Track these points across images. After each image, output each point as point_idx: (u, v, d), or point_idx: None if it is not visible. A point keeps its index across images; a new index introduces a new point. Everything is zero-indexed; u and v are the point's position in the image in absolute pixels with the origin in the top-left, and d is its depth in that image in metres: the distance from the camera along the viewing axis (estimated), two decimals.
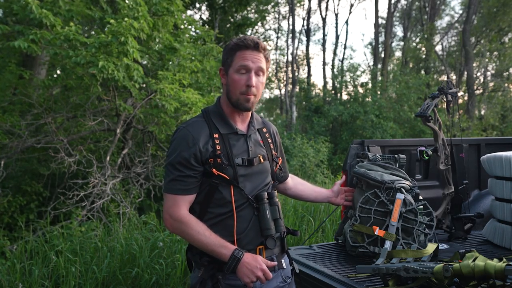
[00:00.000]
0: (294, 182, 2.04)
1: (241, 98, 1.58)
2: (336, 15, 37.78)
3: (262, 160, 1.66)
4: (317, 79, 57.30)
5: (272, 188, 1.71)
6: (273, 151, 1.75)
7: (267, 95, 23.58)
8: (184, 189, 1.55)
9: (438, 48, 24.45)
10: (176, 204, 1.56)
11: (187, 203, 1.57)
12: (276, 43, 25.82)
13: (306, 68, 25.51)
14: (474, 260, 1.56)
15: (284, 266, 1.70)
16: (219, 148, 1.57)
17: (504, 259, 1.56)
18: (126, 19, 5.07)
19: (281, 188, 1.99)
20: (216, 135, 1.59)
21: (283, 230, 1.67)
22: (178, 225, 1.55)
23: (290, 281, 1.73)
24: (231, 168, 1.57)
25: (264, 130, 1.76)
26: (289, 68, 22.50)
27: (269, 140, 1.75)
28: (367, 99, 15.41)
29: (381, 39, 23.34)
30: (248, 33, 16.97)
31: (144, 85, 6.19)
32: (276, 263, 1.61)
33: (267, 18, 20.82)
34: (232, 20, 15.24)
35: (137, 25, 5.14)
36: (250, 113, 1.70)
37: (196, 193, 1.59)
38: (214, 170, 1.55)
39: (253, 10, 17.83)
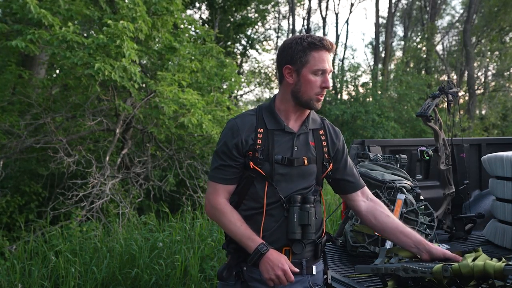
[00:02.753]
0: (374, 206, 1.73)
1: (314, 99, 1.58)
2: (337, 14, 37.77)
3: (306, 162, 1.60)
4: None
5: (313, 193, 1.63)
6: (325, 155, 1.67)
7: (267, 94, 23.59)
8: (224, 178, 1.60)
9: (439, 47, 24.44)
10: (215, 192, 1.62)
11: (226, 192, 1.62)
12: (276, 43, 25.77)
13: None
14: (473, 260, 1.54)
15: (314, 272, 1.64)
16: (259, 142, 1.57)
17: (504, 259, 1.55)
18: (121, 21, 5.06)
19: (351, 203, 1.77)
20: (260, 130, 1.59)
21: (312, 238, 1.58)
22: (214, 212, 1.61)
23: None
24: (268, 164, 1.56)
25: (321, 132, 1.69)
26: None
27: (324, 143, 1.68)
28: (368, 99, 15.39)
29: (382, 38, 23.33)
30: (248, 33, 16.96)
31: (143, 85, 6.18)
32: (298, 270, 1.54)
33: (267, 17, 20.78)
34: (232, 19, 15.23)
35: (132, 27, 5.13)
36: (306, 112, 1.66)
37: (236, 184, 1.62)
38: (251, 163, 1.56)
39: (253, 10, 17.82)
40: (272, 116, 1.62)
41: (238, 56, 16.41)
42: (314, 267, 1.64)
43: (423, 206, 2.21)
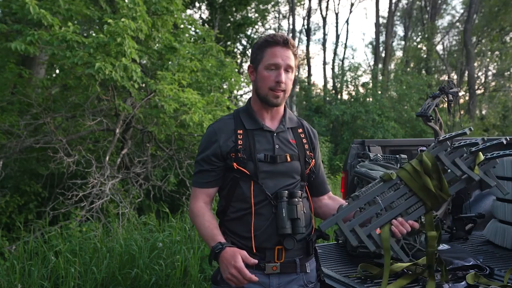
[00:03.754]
0: (330, 201, 1.80)
1: (270, 94, 1.60)
2: (337, 14, 37.79)
3: (289, 159, 1.63)
4: (317, 79, 57.27)
5: (300, 188, 1.65)
6: (307, 151, 1.70)
7: None
8: (203, 182, 1.64)
9: (439, 47, 24.45)
10: (195, 196, 1.66)
11: (205, 196, 1.65)
12: None
13: (306, 67, 25.50)
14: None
15: (308, 270, 1.65)
16: (241, 143, 1.60)
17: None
18: (123, 19, 5.05)
19: (315, 204, 1.79)
20: (240, 131, 1.62)
21: (302, 232, 1.57)
22: (191, 216, 1.66)
23: (313, 287, 1.68)
24: (251, 163, 1.57)
25: (300, 130, 1.73)
26: None
27: (304, 141, 1.71)
28: (368, 99, 15.38)
29: (382, 38, 23.32)
30: (248, 33, 16.95)
31: (143, 85, 6.18)
32: (255, 261, 1.48)
33: (267, 17, 20.79)
34: (232, 19, 15.22)
35: (134, 26, 5.12)
36: (281, 111, 1.70)
37: (215, 187, 1.66)
38: (234, 164, 1.58)
39: (253, 10, 17.81)
40: (250, 116, 1.66)
41: (238, 56, 16.41)
42: (307, 265, 1.65)
43: None
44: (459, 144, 1.61)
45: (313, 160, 1.72)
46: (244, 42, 16.82)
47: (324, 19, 30.70)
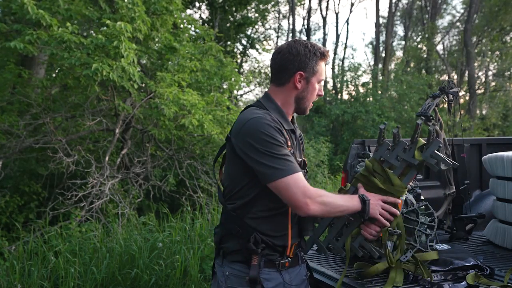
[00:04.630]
0: None
1: (310, 105, 1.69)
2: (337, 14, 37.78)
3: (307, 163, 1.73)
4: None
5: None
6: (303, 156, 1.75)
7: None
8: (296, 166, 1.51)
9: (439, 47, 24.42)
10: (304, 181, 1.50)
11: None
12: (276, 42, 25.76)
13: None
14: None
15: (304, 261, 1.76)
16: (289, 144, 1.59)
17: None
18: (119, 22, 5.05)
19: None
20: (284, 131, 1.58)
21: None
22: (319, 200, 1.49)
23: (308, 276, 1.76)
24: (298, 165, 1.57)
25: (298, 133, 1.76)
26: None
27: (302, 146, 1.78)
28: (368, 99, 15.37)
29: (382, 38, 23.30)
30: (248, 33, 16.94)
31: (143, 85, 6.17)
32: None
33: (267, 17, 20.78)
34: (232, 19, 15.21)
35: (130, 28, 5.12)
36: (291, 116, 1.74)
37: None
38: None
39: (253, 10, 17.80)
40: (283, 118, 1.63)
41: (238, 56, 16.40)
42: (303, 256, 1.75)
43: (423, 206, 2.20)
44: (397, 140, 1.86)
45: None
46: (244, 42, 16.81)
47: (324, 19, 30.71)
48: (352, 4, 39.41)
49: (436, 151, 1.77)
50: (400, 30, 27.18)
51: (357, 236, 1.76)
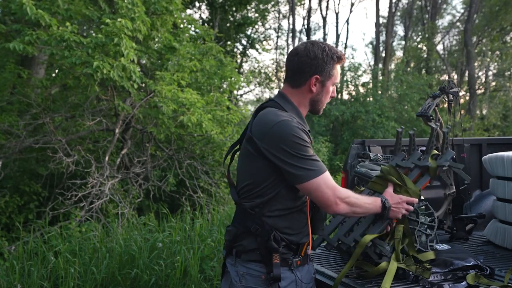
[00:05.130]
0: None
1: (323, 107, 1.74)
2: (337, 14, 37.82)
3: None
4: None
5: None
6: None
7: (267, 94, 23.59)
8: (324, 167, 1.58)
9: (440, 47, 24.42)
10: (332, 181, 1.57)
11: None
12: (276, 42, 25.79)
13: None
14: None
15: (310, 260, 1.78)
16: (312, 144, 1.64)
17: None
18: (119, 19, 5.05)
19: None
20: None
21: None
22: (349, 200, 1.58)
23: (314, 277, 1.79)
24: None
25: None
26: None
27: None
28: (368, 99, 15.36)
29: (382, 38, 23.31)
30: (248, 32, 16.93)
31: (143, 85, 6.17)
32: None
33: (267, 17, 20.77)
34: (232, 19, 15.20)
35: (131, 25, 5.11)
36: None
37: None
38: None
39: (253, 9, 17.79)
40: (301, 119, 1.67)
41: (238, 56, 16.39)
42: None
43: (423, 206, 2.20)
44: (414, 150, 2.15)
45: None
46: (244, 42, 16.81)
47: (324, 18, 30.71)
48: (352, 4, 39.48)
49: (451, 160, 2.06)
50: (400, 30, 27.20)
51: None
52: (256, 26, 18.55)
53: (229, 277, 1.64)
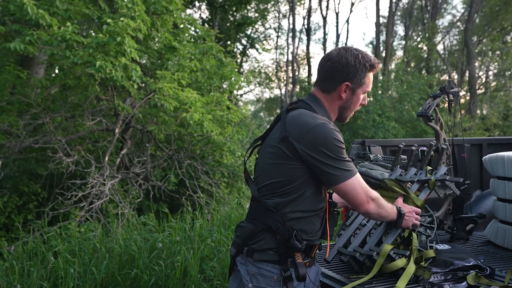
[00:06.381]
0: None
1: (351, 115, 1.74)
2: (337, 14, 37.80)
3: None
4: None
5: None
6: None
7: (267, 94, 23.60)
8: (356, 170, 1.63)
9: (440, 47, 24.42)
10: (364, 182, 1.63)
11: None
12: (276, 42, 25.83)
13: (306, 67, 25.49)
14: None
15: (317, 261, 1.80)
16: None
17: None
18: (122, 18, 5.05)
19: None
20: None
21: None
22: (377, 202, 1.66)
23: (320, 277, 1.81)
24: None
25: None
26: (290, 68, 22.48)
27: None
28: (368, 98, 15.35)
29: (382, 38, 23.30)
30: (248, 32, 16.93)
31: (143, 85, 6.17)
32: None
33: (267, 17, 20.76)
34: (232, 19, 15.19)
35: (133, 24, 5.11)
36: None
37: None
38: None
39: (253, 9, 17.79)
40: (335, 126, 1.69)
41: (238, 56, 16.39)
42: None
43: (430, 218, 2.22)
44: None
45: None
46: (244, 41, 16.81)
47: (325, 18, 30.68)
48: (352, 4, 39.45)
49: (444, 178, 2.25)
50: (400, 29, 27.21)
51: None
52: (256, 26, 18.56)
53: (239, 275, 1.62)
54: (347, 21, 41.17)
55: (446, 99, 2.71)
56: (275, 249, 1.57)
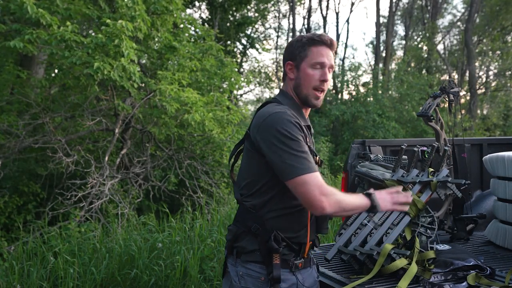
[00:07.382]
0: None
1: (311, 94, 1.60)
2: (337, 13, 37.84)
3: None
4: None
5: None
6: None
7: (267, 94, 23.59)
8: (314, 166, 1.48)
9: (440, 47, 24.41)
10: (321, 180, 1.46)
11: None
12: (276, 42, 25.79)
13: None
14: None
15: (315, 262, 1.74)
16: (308, 141, 1.55)
17: None
18: (120, 21, 5.04)
19: None
20: (303, 128, 1.54)
21: None
22: (334, 198, 1.45)
23: (318, 280, 1.74)
24: (316, 164, 1.55)
25: None
26: None
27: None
28: (368, 98, 15.35)
29: (383, 38, 23.30)
30: (248, 32, 16.93)
31: (143, 85, 6.16)
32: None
33: (267, 16, 20.76)
34: (232, 19, 15.19)
35: (131, 26, 5.10)
36: (309, 111, 1.69)
37: None
38: None
39: (253, 9, 17.79)
40: (300, 113, 1.61)
41: (238, 56, 16.39)
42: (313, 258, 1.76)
43: (430, 219, 2.22)
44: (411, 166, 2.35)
45: None
46: (244, 41, 16.80)
47: (325, 18, 30.70)
48: (353, 4, 39.43)
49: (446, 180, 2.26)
50: (400, 29, 27.20)
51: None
52: (256, 26, 18.55)
53: (230, 277, 1.62)
54: (347, 21, 41.16)
55: (447, 99, 2.70)
56: (258, 250, 1.55)
